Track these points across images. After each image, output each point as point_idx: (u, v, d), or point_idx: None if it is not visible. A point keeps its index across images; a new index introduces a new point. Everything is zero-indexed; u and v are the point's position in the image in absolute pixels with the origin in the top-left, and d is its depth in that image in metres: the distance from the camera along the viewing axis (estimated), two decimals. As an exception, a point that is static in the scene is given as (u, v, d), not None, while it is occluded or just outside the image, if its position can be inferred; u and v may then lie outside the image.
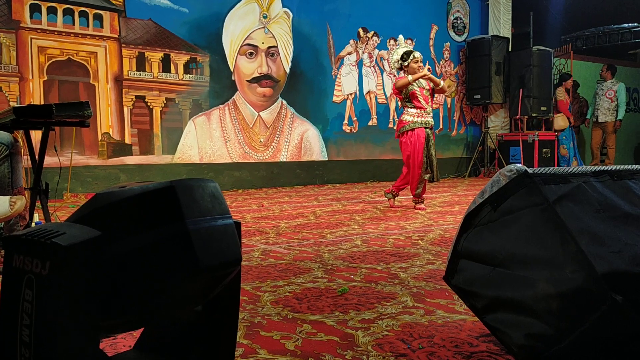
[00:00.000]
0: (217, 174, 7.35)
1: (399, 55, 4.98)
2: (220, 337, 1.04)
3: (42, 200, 2.89)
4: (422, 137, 4.84)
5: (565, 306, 1.26)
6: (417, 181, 4.85)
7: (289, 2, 7.97)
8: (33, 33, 6.17)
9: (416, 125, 4.87)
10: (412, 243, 3.22)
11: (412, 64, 4.89)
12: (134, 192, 0.83)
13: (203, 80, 7.30)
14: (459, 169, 9.80)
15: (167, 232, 0.81)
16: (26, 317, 0.78)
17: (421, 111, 4.91)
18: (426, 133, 4.88)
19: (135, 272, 0.81)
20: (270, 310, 1.89)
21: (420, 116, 4.90)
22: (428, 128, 4.91)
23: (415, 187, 4.88)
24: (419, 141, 4.82)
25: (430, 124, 4.93)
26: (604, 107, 9.57)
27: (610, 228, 1.33)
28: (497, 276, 1.42)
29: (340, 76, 8.52)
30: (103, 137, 6.60)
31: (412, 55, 4.90)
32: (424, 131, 4.87)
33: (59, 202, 5.09)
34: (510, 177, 1.40)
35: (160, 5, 6.95)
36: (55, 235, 0.78)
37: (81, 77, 6.48)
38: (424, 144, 4.83)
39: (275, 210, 5.01)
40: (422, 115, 4.90)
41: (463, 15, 10.03)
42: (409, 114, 4.93)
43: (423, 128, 4.87)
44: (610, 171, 1.49)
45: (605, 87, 9.62)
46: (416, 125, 4.87)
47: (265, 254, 2.95)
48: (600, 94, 9.61)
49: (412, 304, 1.95)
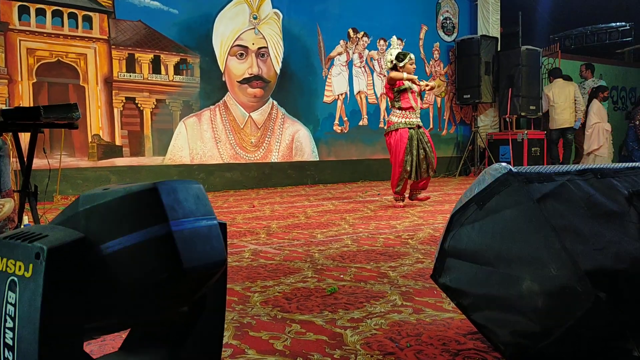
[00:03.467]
0: (208, 175, 7.34)
1: (393, 55, 5.04)
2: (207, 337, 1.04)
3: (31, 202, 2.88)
4: (405, 138, 4.95)
5: (550, 303, 1.27)
6: (397, 179, 5.00)
7: (279, 3, 7.97)
8: (22, 35, 6.13)
9: (400, 125, 4.98)
10: (402, 242, 3.23)
11: (408, 65, 5.01)
12: (117, 193, 0.84)
13: (193, 82, 7.28)
14: (449, 168, 9.84)
15: (150, 233, 0.81)
16: (9, 319, 0.78)
17: (407, 112, 5.00)
18: (410, 133, 4.96)
19: (119, 273, 0.81)
20: (260, 311, 1.89)
21: (405, 117, 5.00)
22: (413, 128, 4.98)
23: (395, 184, 5.04)
24: (402, 141, 4.95)
25: (414, 125, 4.99)
26: None
27: (594, 226, 1.35)
28: (483, 274, 1.43)
29: (331, 76, 8.54)
30: (93, 139, 6.58)
31: (408, 57, 5.01)
32: (407, 132, 4.96)
33: (48, 204, 5.07)
34: (494, 176, 1.41)
35: (149, 7, 6.93)
36: (38, 237, 0.78)
37: (71, 79, 6.45)
38: (407, 143, 4.92)
39: (266, 211, 5.01)
40: (408, 117, 5.00)
41: (452, 16, 10.07)
42: (395, 114, 5.06)
43: (407, 129, 4.97)
44: (594, 170, 1.51)
45: (588, 86, 9.69)
46: (400, 126, 4.98)
47: (256, 254, 2.96)
48: (583, 92, 9.67)
49: (400, 302, 1.96)
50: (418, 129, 5.02)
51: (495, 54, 9.67)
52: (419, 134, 5.00)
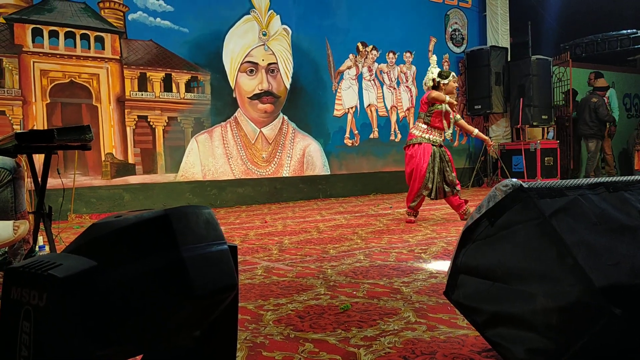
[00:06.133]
0: (220, 191, 7.37)
1: (434, 74, 5.00)
2: (220, 360, 1.05)
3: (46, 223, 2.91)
4: (429, 153, 4.84)
5: (564, 320, 1.26)
6: (415, 194, 4.87)
7: (288, 19, 8.04)
8: (35, 57, 6.24)
9: (423, 140, 4.89)
10: (415, 257, 3.22)
11: (452, 82, 4.97)
12: (129, 221, 0.85)
13: (204, 99, 7.35)
14: (462, 179, 9.78)
15: (162, 260, 0.82)
16: (24, 348, 0.79)
17: (434, 130, 4.93)
18: (433, 150, 4.87)
19: (132, 300, 0.82)
20: (273, 330, 1.89)
21: (430, 133, 4.92)
22: (436, 146, 4.90)
23: (411, 199, 4.91)
24: (425, 156, 4.83)
25: (438, 142, 4.92)
26: None
27: (607, 240, 1.34)
28: (497, 291, 1.42)
29: (341, 90, 8.57)
30: (106, 158, 6.64)
31: (452, 75, 4.99)
32: (431, 147, 4.87)
33: (63, 223, 5.12)
34: (505, 192, 1.41)
35: (160, 26, 7.03)
36: (52, 266, 0.79)
37: (84, 99, 6.54)
38: (429, 160, 4.83)
39: (279, 226, 5.02)
40: (433, 134, 4.92)
41: (461, 27, 10.09)
42: (419, 128, 4.97)
43: (430, 144, 4.88)
44: (606, 183, 1.50)
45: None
46: (423, 140, 4.89)
47: (268, 271, 2.96)
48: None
49: (414, 319, 1.95)
50: (440, 147, 4.94)
51: (505, 64, 9.66)
52: (441, 152, 4.92)
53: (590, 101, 9.29)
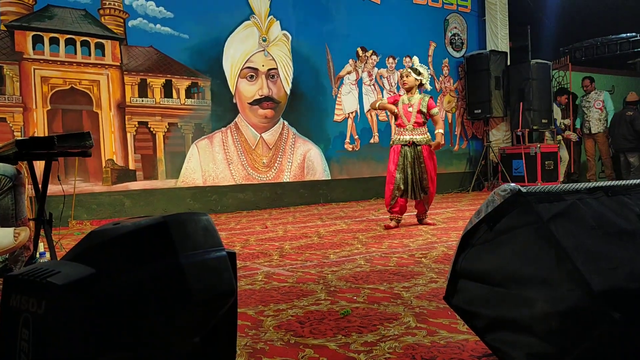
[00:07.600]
0: (220, 197, 7.37)
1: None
2: (219, 367, 1.05)
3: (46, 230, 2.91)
4: (396, 155, 4.88)
5: (563, 325, 1.26)
6: (389, 197, 4.89)
7: (287, 25, 8.06)
8: (36, 64, 6.25)
9: (395, 142, 4.95)
10: (415, 261, 3.22)
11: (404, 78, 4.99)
12: (127, 229, 0.85)
13: (205, 104, 7.36)
14: (463, 183, 9.80)
15: (160, 267, 0.83)
16: (23, 355, 0.79)
17: (399, 129, 4.95)
18: (403, 150, 4.87)
19: (131, 307, 0.82)
20: (273, 335, 1.89)
21: (398, 133, 4.95)
22: (407, 145, 4.87)
23: (387, 203, 4.94)
24: (394, 157, 4.89)
25: (407, 142, 4.87)
26: (594, 118, 9.59)
27: (605, 245, 1.34)
28: (496, 296, 1.42)
29: (341, 95, 8.58)
30: (107, 164, 6.65)
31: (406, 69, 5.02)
32: (399, 147, 4.89)
33: (64, 229, 5.12)
34: (504, 197, 1.41)
35: (161, 33, 7.04)
36: (50, 274, 0.80)
37: (84, 105, 6.55)
38: (399, 160, 4.85)
39: (279, 231, 5.02)
40: (401, 133, 4.92)
41: (460, 32, 10.10)
42: (394, 132, 5.06)
43: (399, 145, 4.89)
44: (604, 187, 1.50)
45: (592, 98, 9.64)
46: (394, 143, 4.95)
47: (269, 276, 2.96)
48: (588, 105, 9.62)
49: (414, 324, 1.95)
50: (415, 146, 4.87)
51: (505, 69, 9.67)
52: (416, 152, 4.86)
53: (625, 115, 9.28)
